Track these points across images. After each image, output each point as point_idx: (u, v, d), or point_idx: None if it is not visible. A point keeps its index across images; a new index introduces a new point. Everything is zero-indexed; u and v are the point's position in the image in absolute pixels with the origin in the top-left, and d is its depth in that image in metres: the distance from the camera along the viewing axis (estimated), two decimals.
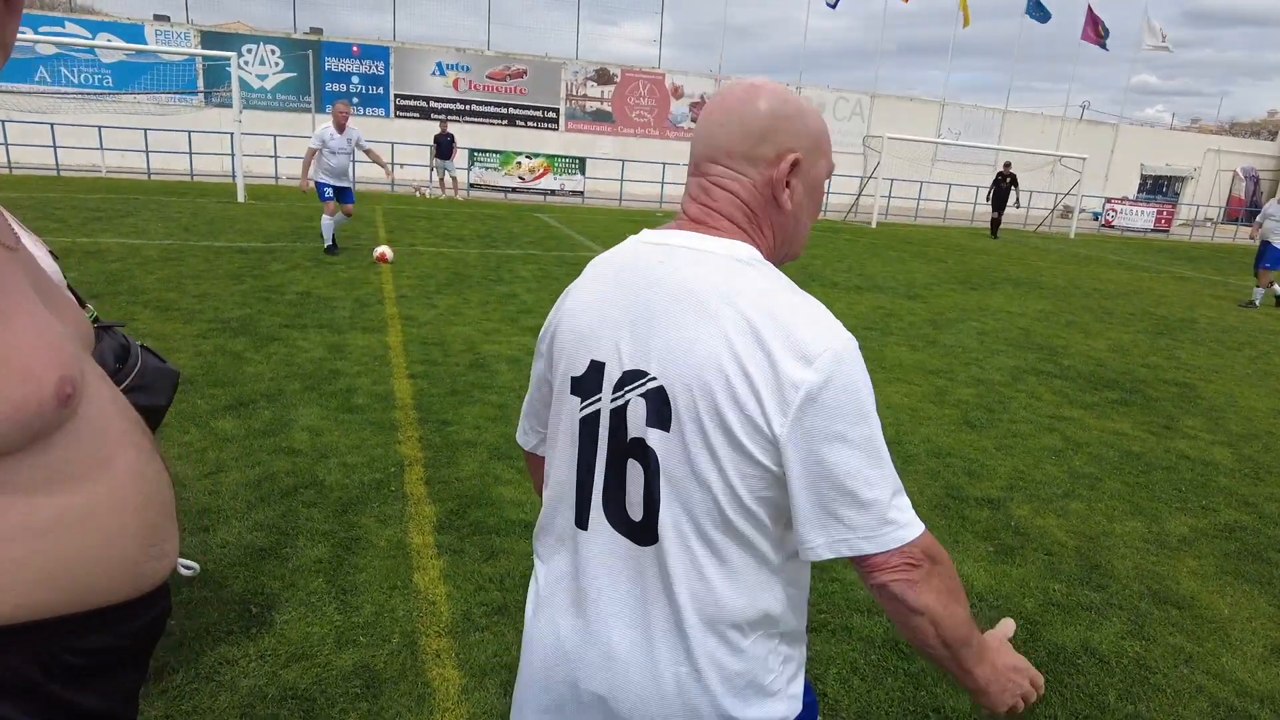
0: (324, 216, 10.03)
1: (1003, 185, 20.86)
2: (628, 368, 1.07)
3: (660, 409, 1.03)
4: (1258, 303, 12.21)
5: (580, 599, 1.15)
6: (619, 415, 1.08)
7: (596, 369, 1.10)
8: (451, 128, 19.75)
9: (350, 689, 2.51)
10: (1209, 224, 34.46)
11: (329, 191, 9.89)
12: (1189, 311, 11.33)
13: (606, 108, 26.07)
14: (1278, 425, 6.11)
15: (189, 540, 3.25)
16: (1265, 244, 12.07)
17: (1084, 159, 25.41)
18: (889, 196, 24.24)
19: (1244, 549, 3.96)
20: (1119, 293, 12.62)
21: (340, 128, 9.71)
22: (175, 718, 2.35)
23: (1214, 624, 3.26)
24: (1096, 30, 30.02)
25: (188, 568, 1.39)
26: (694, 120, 26.80)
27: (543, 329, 1.27)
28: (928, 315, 9.16)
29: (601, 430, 1.10)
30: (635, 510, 1.08)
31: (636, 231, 1.20)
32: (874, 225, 20.92)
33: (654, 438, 1.04)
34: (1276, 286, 12.24)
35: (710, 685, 1.06)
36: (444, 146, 19.19)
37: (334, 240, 10.19)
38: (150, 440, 1.20)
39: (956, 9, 28.26)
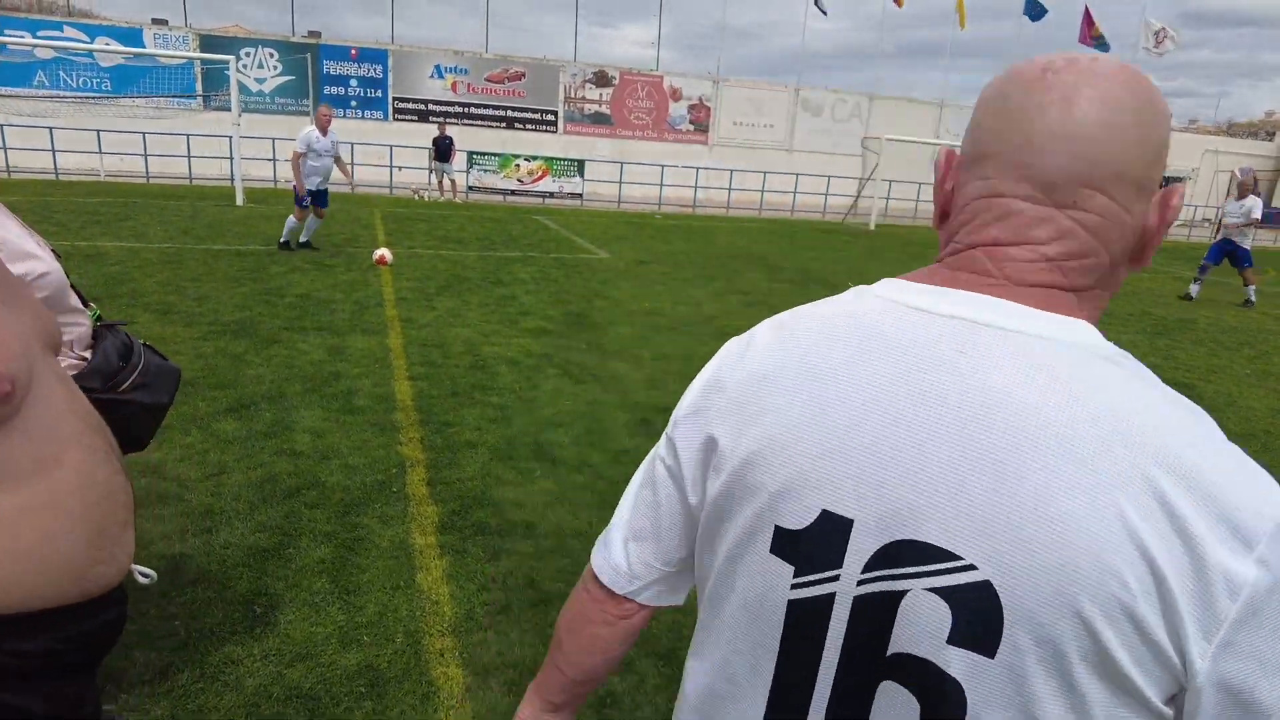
0: (290, 218, 10.18)
1: None
2: (906, 537, 0.66)
3: (982, 621, 0.63)
4: (1253, 300, 12.25)
5: None
6: (877, 610, 0.67)
7: (834, 526, 0.69)
8: (450, 130, 19.79)
9: (355, 688, 2.52)
10: (1207, 224, 34.55)
11: (308, 200, 10.02)
12: (1188, 311, 11.36)
13: (605, 110, 26.13)
14: (1276, 424, 6.13)
15: (192, 542, 3.27)
16: (1229, 242, 12.01)
17: None
18: (887, 198, 24.29)
19: None
20: (1119, 292, 12.63)
21: (324, 130, 9.85)
22: (181, 717, 2.36)
23: None
24: (1093, 33, 30.11)
25: (144, 575, 1.36)
26: (693, 123, 26.88)
27: (687, 404, 0.84)
28: None
29: (834, 627, 0.70)
30: None
31: (637, 233, 1.08)
32: (873, 227, 20.97)
33: (960, 663, 0.64)
34: (1252, 290, 12.27)
35: None
36: (442, 149, 19.21)
37: (291, 240, 10.32)
38: (108, 444, 1.16)
39: (953, 10, 28.35)
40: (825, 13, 27.12)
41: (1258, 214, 11.83)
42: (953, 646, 0.64)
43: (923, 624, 0.65)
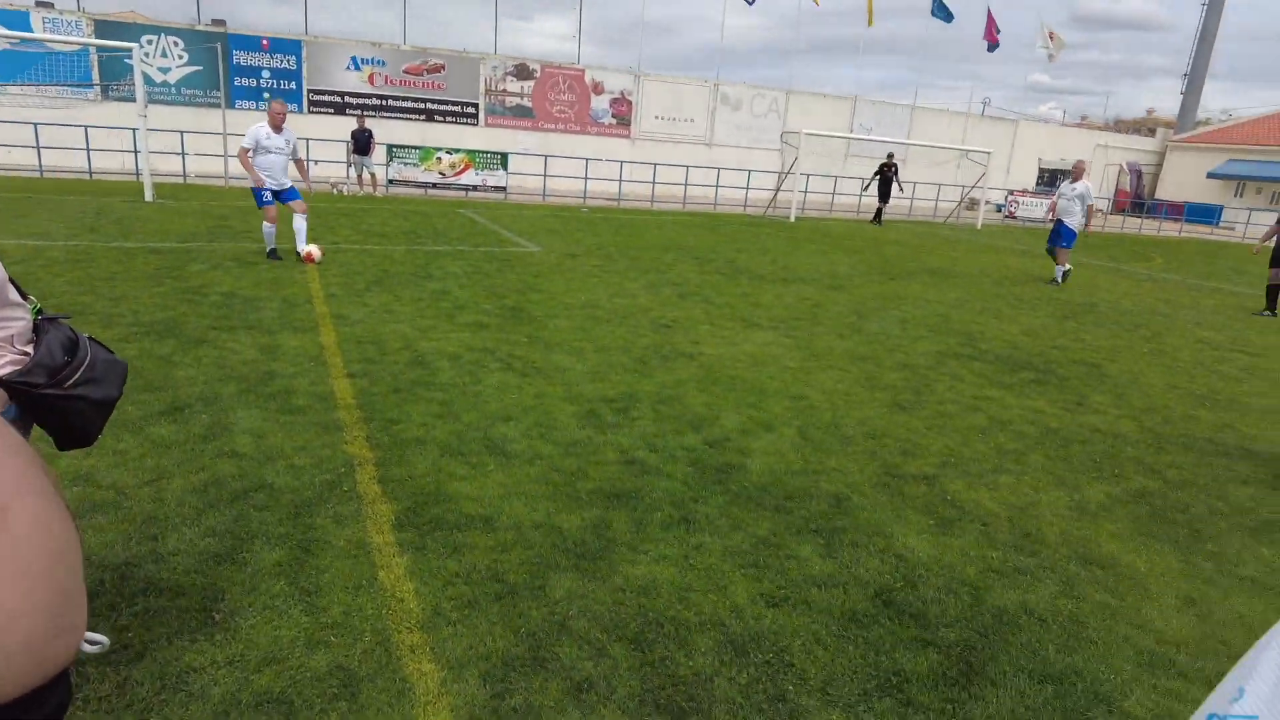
0: (265, 224, 9.49)
1: (886, 175, 21.95)
2: None
3: None
4: (1060, 280, 12.77)
5: None
6: None
7: None
8: (369, 123, 19.28)
9: (327, 690, 2.49)
10: (1100, 214, 36.56)
11: (268, 195, 9.33)
12: (1089, 296, 12.04)
13: (527, 103, 25.89)
14: (1173, 399, 6.59)
15: (137, 550, 3.16)
16: (1059, 223, 12.64)
17: (989, 153, 26.59)
18: (806, 191, 24.84)
19: (1153, 512, 4.30)
20: (1025, 279, 13.31)
21: (277, 127, 9.20)
22: None
23: (1134, 580, 3.54)
24: (995, 32, 31.46)
25: (94, 643, 1.14)
26: (615, 116, 26.89)
27: None
28: (851, 304, 9.49)
29: None
30: None
31: (565, 226, 1.00)
32: (793, 219, 21.43)
33: None
34: (1066, 266, 12.80)
35: None
36: (361, 142, 18.72)
37: (278, 247, 9.68)
38: (55, 482, 0.96)
39: (864, 9, 29.15)
40: (750, 2, 27.52)
41: (1091, 199, 12.32)
42: None
43: None
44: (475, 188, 21.25)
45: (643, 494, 3.94)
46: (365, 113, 20.94)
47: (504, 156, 21.69)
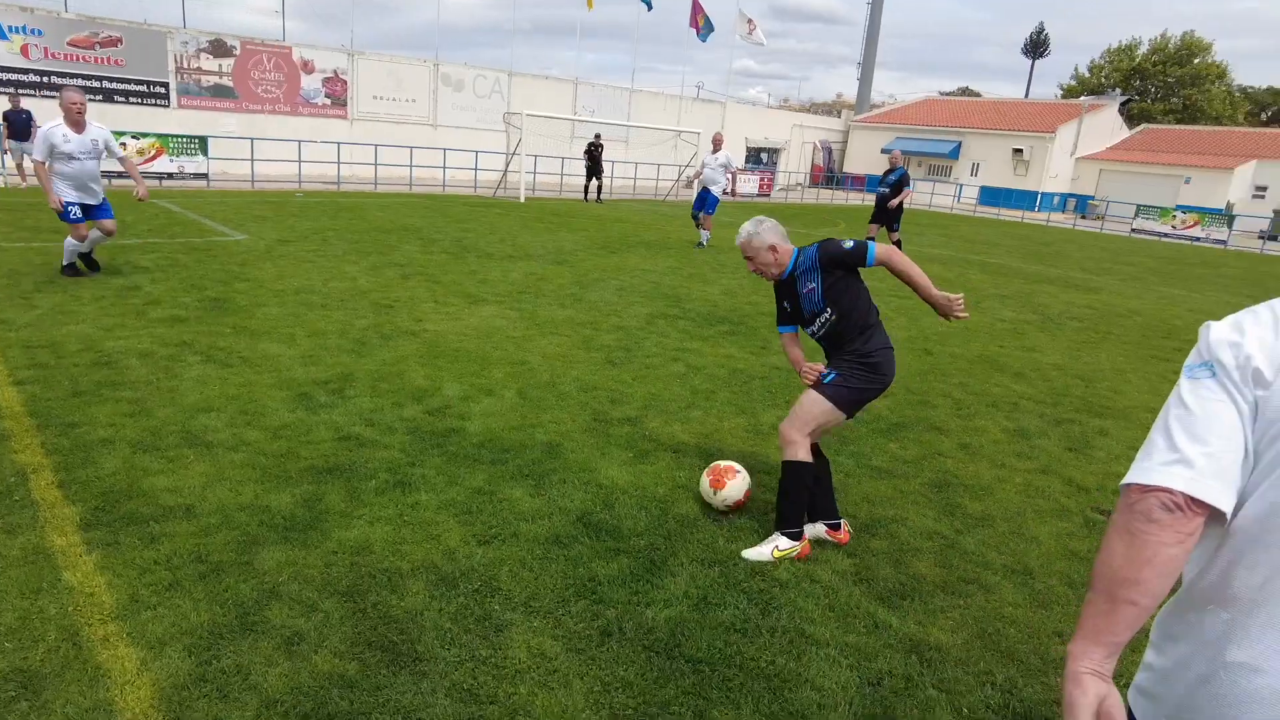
0: (69, 240, 7.72)
1: (595, 155, 23.13)
2: None
3: None
4: (704, 244, 14.18)
5: None
6: None
7: None
8: (27, 103, 16.64)
9: (3, 694, 2.36)
10: (799, 188, 40.95)
11: (76, 211, 7.51)
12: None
13: (227, 82, 23.66)
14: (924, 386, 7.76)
15: None
16: (705, 191, 13.96)
17: (698, 134, 28.66)
18: (534, 172, 25.26)
19: None
20: (731, 248, 14.68)
21: (78, 125, 7.37)
22: None
23: None
24: (699, 20, 33.81)
25: None
26: (329, 96, 25.42)
27: (1246, 350, 1.11)
28: (574, 278, 9.98)
29: None
30: None
31: (277, 213, 1.13)
32: (523, 200, 21.74)
33: None
34: (705, 235, 14.18)
35: None
36: (18, 126, 16.11)
37: (78, 262, 7.93)
38: None
39: None
40: None
41: (733, 167, 13.91)
42: None
43: None
44: (171, 175, 19.17)
45: (358, 466, 4.02)
46: (20, 90, 18.01)
47: (203, 140, 19.76)
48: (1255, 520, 1.08)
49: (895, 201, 13.53)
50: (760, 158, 42.27)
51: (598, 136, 23.64)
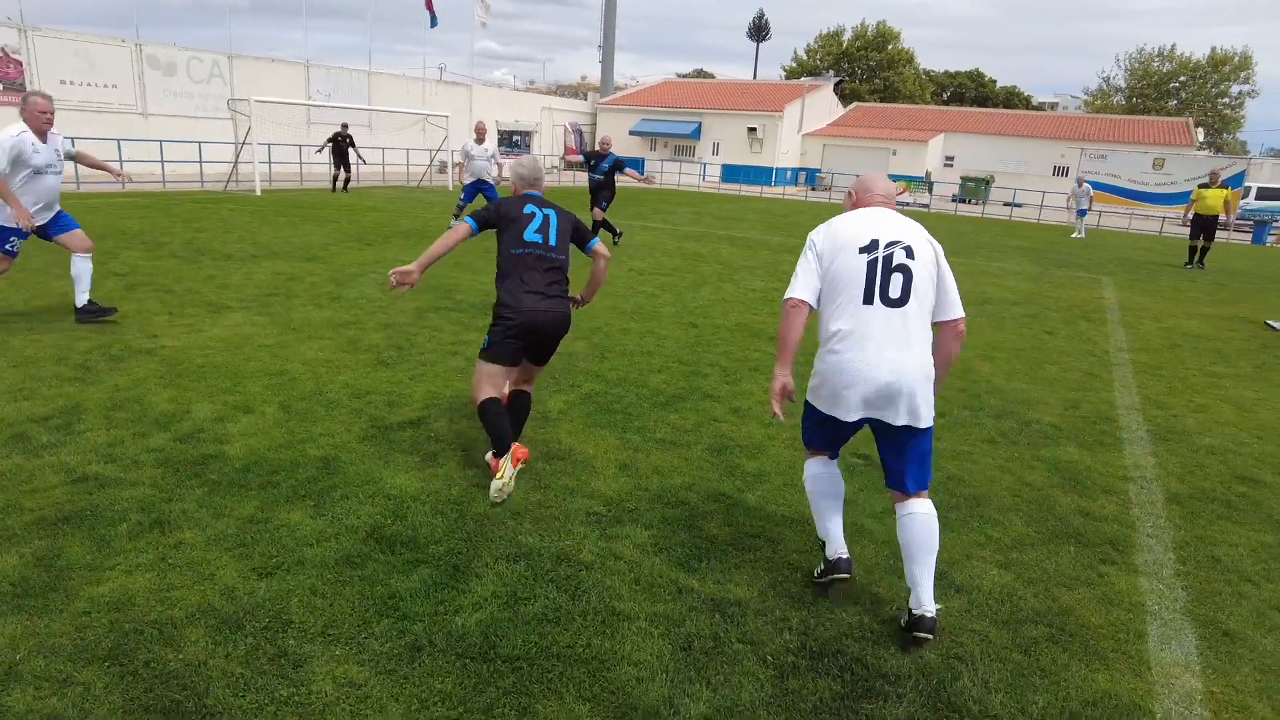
0: None
1: (341, 144, 21.76)
2: (895, 239, 2.98)
3: (908, 252, 2.96)
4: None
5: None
6: (890, 261, 2.94)
7: (876, 243, 2.97)
8: None
9: None
10: (555, 170, 41.23)
11: (15, 244, 6.31)
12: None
13: None
14: (613, 319, 7.98)
15: None
16: (480, 183, 13.74)
17: (447, 116, 27.89)
18: (269, 162, 23.26)
19: (599, 408, 5.25)
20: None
21: (42, 133, 6.32)
22: None
23: (584, 463, 4.33)
24: (431, 4, 32.75)
25: None
26: (0, 80, 21.58)
27: (818, 237, 3.11)
28: (329, 274, 9.37)
29: (881, 266, 2.93)
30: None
31: None
32: (259, 193, 19.96)
33: (913, 266, 2.95)
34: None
35: (929, 365, 2.96)
36: None
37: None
38: None
39: None
40: None
41: (500, 157, 13.93)
42: (910, 260, 2.93)
43: (903, 260, 2.93)
44: None
45: (101, 510, 3.52)
46: None
47: None
48: (827, 304, 3.00)
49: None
50: (514, 140, 42.01)
51: (345, 126, 22.20)
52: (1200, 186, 16.85)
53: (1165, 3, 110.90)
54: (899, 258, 2.89)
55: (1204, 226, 16.76)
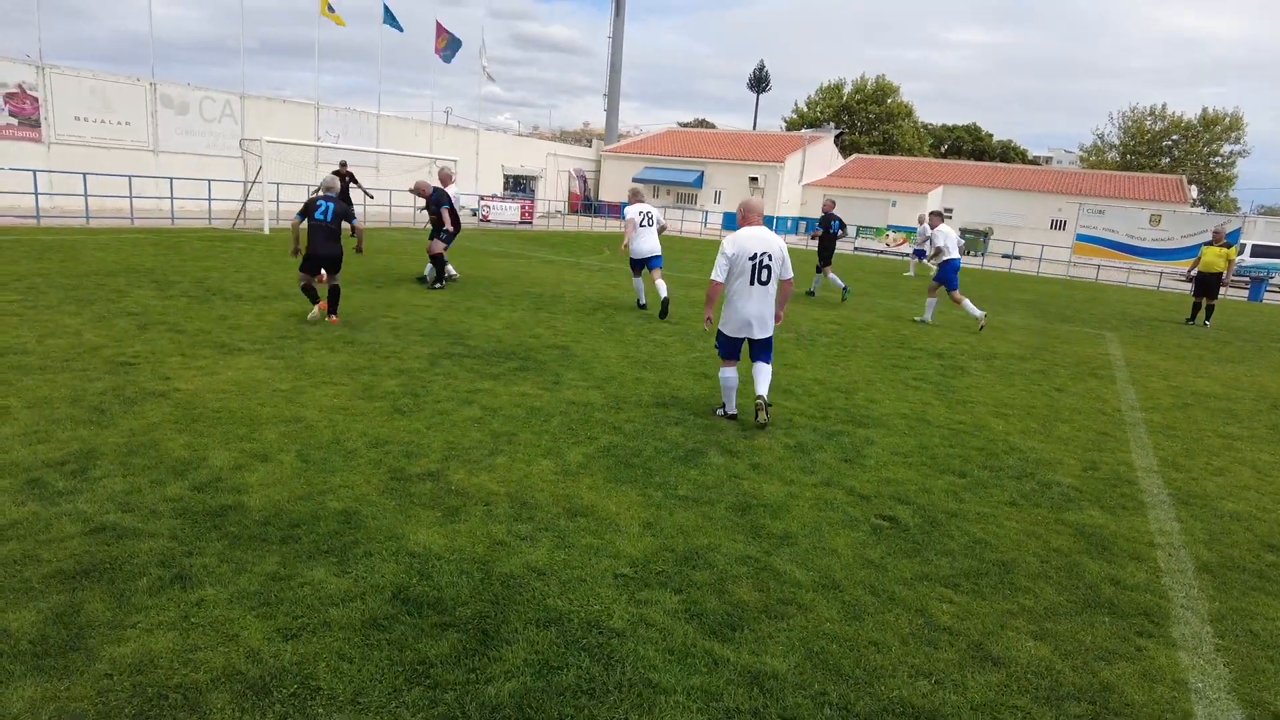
0: None
1: (344, 181, 21.68)
2: (763, 251, 5.98)
3: (772, 256, 6.02)
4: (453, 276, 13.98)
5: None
6: (759, 261, 5.99)
7: (756, 252, 5.99)
8: None
9: None
10: (559, 215, 41.61)
11: None
12: (557, 289, 13.72)
13: None
14: (626, 368, 7.97)
15: None
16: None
17: (455, 161, 28.22)
18: (278, 201, 23.43)
19: (618, 461, 5.19)
20: (505, 279, 14.58)
21: None
22: None
23: (608, 520, 4.26)
24: (441, 42, 33.32)
25: None
26: (15, 115, 21.85)
27: (730, 246, 6.01)
28: (341, 317, 9.35)
29: (757, 265, 5.98)
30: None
31: None
32: (268, 231, 20.07)
33: (773, 263, 6.04)
34: (453, 270, 13.97)
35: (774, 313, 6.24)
36: None
37: None
38: None
39: (318, 10, 28.41)
40: None
41: (461, 200, 13.82)
42: (773, 260, 6.05)
43: (769, 262, 6.03)
44: None
45: (120, 563, 3.44)
46: None
47: None
48: (731, 282, 6.05)
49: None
50: (520, 186, 42.45)
51: (344, 165, 22.05)
52: (1205, 245, 17.14)
53: (1153, 62, 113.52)
54: (765, 260, 5.99)
55: (1206, 285, 16.93)
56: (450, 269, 13.47)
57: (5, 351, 6.65)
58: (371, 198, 24.36)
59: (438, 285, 12.50)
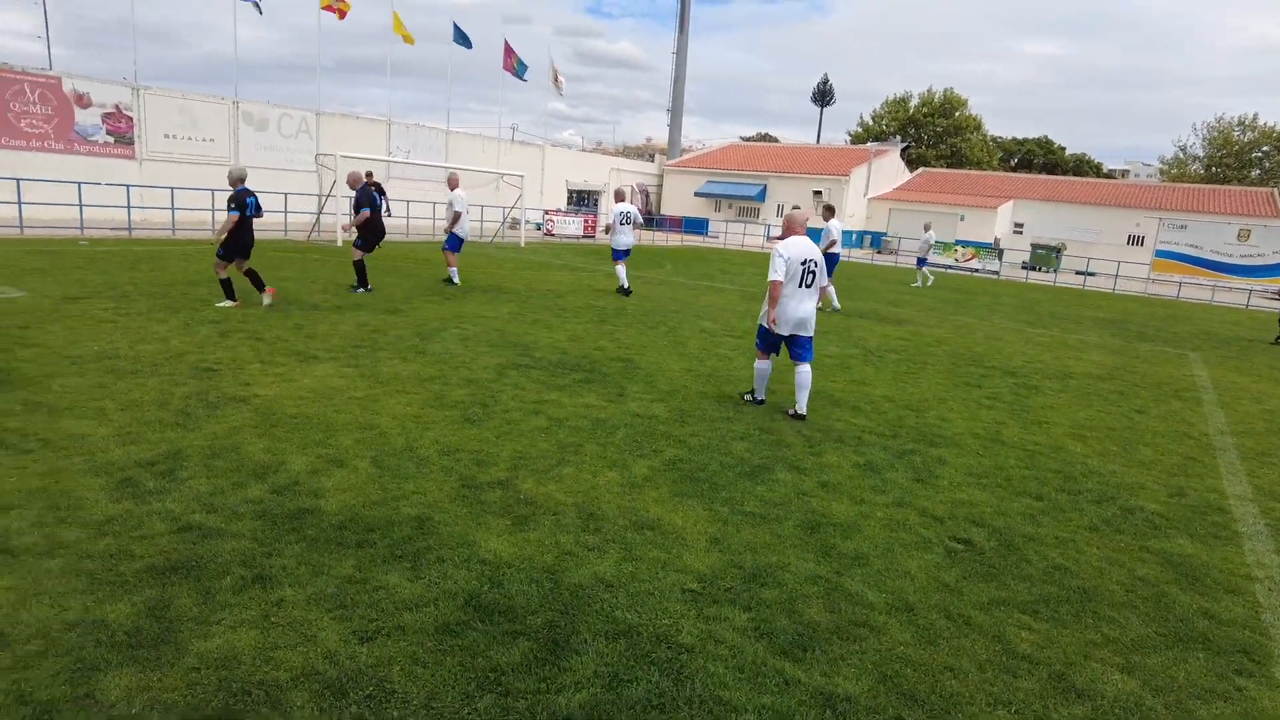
0: None
1: (377, 191, 21.94)
2: (811, 257, 6.68)
3: (818, 263, 6.72)
4: (454, 281, 13.99)
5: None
6: (810, 267, 6.68)
7: (805, 260, 6.66)
8: None
9: None
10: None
11: None
12: (620, 302, 13.80)
13: None
14: (690, 381, 7.95)
15: None
16: (452, 233, 13.90)
17: (523, 176, 28.69)
18: (350, 214, 24.10)
19: (683, 475, 5.17)
20: (567, 291, 14.73)
21: None
22: None
23: (675, 534, 4.24)
24: (513, 62, 34.01)
25: None
26: (111, 134, 23.04)
27: (785, 249, 6.58)
28: (412, 328, 9.58)
29: (806, 270, 6.65)
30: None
31: (58, 265, 1.19)
32: (340, 244, 20.70)
33: (817, 270, 6.74)
34: (454, 272, 14.12)
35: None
36: None
37: None
38: None
39: (391, 29, 29.33)
40: (261, 10, 25.76)
41: (459, 208, 13.93)
42: (817, 267, 6.75)
43: (815, 268, 6.71)
44: None
45: (206, 561, 3.57)
46: None
47: None
48: (786, 284, 6.59)
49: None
50: (583, 200, 42.92)
51: (370, 175, 21.06)
52: None
53: (1239, 70, 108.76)
54: (811, 266, 6.65)
55: None
56: (453, 272, 14.02)
57: (102, 356, 6.99)
58: (390, 214, 24.68)
59: (358, 289, 12.34)
